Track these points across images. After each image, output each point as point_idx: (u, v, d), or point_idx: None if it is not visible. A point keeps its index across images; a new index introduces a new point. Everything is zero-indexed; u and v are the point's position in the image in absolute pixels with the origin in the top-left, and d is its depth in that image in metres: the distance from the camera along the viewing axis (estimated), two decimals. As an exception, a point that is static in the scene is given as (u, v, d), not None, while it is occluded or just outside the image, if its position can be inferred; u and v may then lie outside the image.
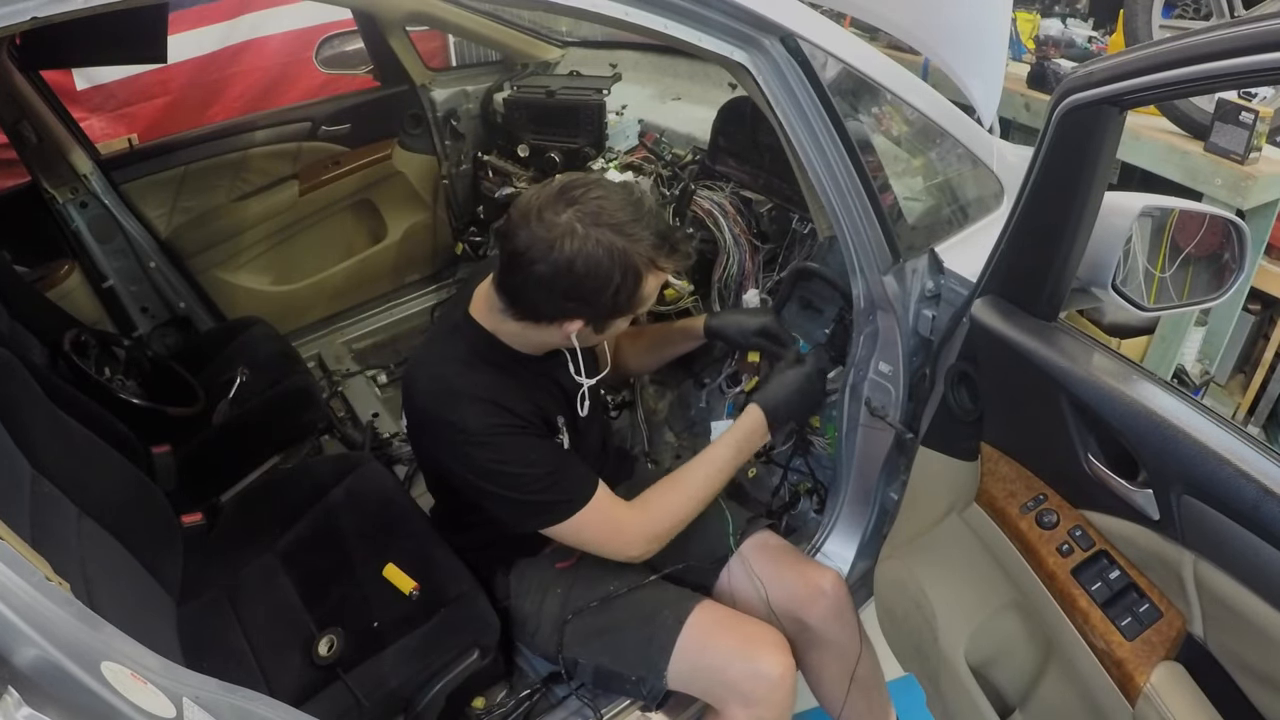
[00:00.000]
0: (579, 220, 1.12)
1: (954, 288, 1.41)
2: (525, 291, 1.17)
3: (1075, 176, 1.02)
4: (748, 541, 1.50)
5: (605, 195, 1.15)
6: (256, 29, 3.40)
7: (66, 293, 2.25)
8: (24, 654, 0.60)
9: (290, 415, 2.10)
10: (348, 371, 2.70)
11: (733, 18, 1.25)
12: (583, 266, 1.12)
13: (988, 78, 1.49)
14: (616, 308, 1.19)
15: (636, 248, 1.14)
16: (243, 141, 2.46)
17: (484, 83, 2.74)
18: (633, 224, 1.14)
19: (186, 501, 1.69)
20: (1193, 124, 2.29)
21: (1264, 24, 0.76)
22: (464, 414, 1.21)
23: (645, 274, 1.17)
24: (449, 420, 1.22)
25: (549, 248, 1.11)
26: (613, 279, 1.14)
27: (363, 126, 2.63)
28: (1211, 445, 0.86)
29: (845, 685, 1.47)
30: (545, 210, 1.13)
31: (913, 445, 1.42)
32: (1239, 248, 1.20)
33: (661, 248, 1.17)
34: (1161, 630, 0.99)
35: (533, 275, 1.13)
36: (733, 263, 1.81)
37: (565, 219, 1.12)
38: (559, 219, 1.12)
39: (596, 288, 1.14)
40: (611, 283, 1.14)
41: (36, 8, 0.78)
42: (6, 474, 1.14)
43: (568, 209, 1.13)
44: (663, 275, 1.22)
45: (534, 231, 1.12)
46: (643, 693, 1.34)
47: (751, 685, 1.27)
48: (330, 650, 1.36)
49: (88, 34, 1.83)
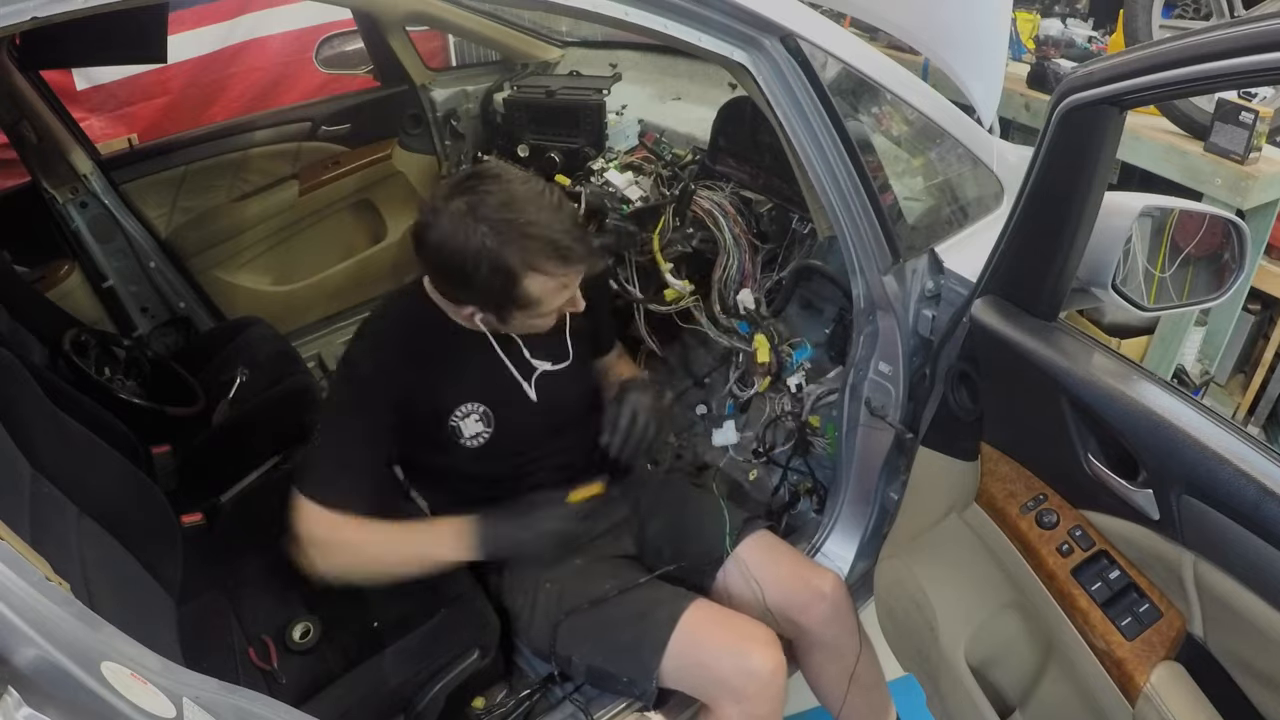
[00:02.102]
0: (462, 210, 1.14)
1: (954, 288, 1.41)
2: (426, 268, 1.24)
3: (1075, 176, 1.02)
4: (745, 542, 1.49)
5: (496, 191, 1.15)
6: (256, 29, 3.40)
7: (66, 293, 2.25)
8: (24, 654, 0.60)
9: (290, 415, 2.09)
10: (348, 371, 2.70)
11: (733, 18, 1.25)
12: (450, 256, 1.15)
13: (988, 78, 1.49)
14: (499, 303, 1.20)
15: (507, 248, 1.14)
16: (243, 141, 2.46)
17: (484, 83, 2.74)
18: (513, 223, 1.14)
19: (186, 501, 1.69)
20: (1193, 124, 2.29)
21: (1264, 24, 0.76)
22: (356, 350, 1.30)
23: (521, 274, 1.16)
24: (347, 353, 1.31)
25: (427, 230, 1.16)
26: (479, 273, 1.14)
27: (363, 126, 2.63)
28: (1211, 445, 0.86)
29: (845, 686, 1.47)
30: (441, 194, 1.17)
31: (913, 445, 1.42)
32: (1239, 248, 1.20)
33: (544, 251, 1.15)
34: (1161, 630, 0.99)
35: (420, 254, 1.19)
36: (732, 263, 1.81)
37: (453, 207, 1.14)
38: (448, 206, 1.15)
39: (464, 279, 1.17)
40: (478, 276, 1.15)
41: (36, 8, 0.78)
42: (6, 474, 1.14)
43: (459, 197, 1.15)
44: (555, 278, 1.19)
45: (431, 207, 1.16)
46: (635, 692, 1.34)
47: (742, 681, 1.28)
48: (305, 636, 1.38)
49: (88, 34, 1.82)
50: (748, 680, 1.27)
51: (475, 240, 1.13)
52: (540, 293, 1.20)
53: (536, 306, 1.22)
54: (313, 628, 1.40)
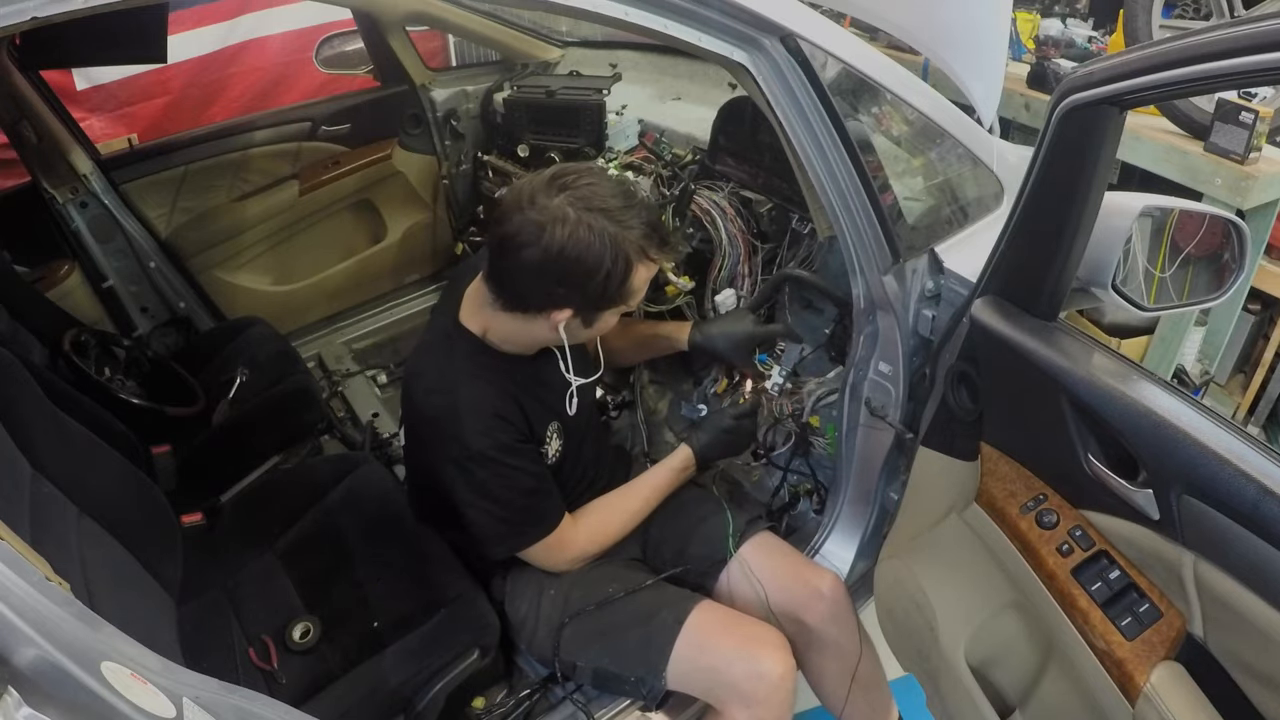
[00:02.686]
0: (571, 205, 1.12)
1: (954, 288, 1.41)
2: (515, 278, 1.17)
3: (1075, 176, 1.02)
4: (747, 543, 1.50)
5: (597, 182, 1.15)
6: (256, 29, 3.40)
7: (66, 293, 2.25)
8: (24, 654, 0.60)
9: (290, 415, 2.10)
10: (348, 371, 2.70)
11: (733, 18, 1.25)
12: (573, 251, 1.11)
13: (988, 78, 1.49)
14: (606, 297, 1.18)
15: (628, 235, 1.14)
16: (243, 141, 2.46)
17: (484, 83, 2.74)
18: (624, 211, 1.14)
19: (186, 501, 1.69)
20: (1193, 124, 2.29)
21: (1264, 24, 0.76)
22: (465, 430, 1.22)
23: (636, 263, 1.17)
24: (451, 434, 1.22)
25: (539, 232, 1.11)
26: (603, 264, 1.13)
27: (363, 126, 2.63)
28: (1211, 445, 0.86)
29: (846, 686, 1.47)
30: (538, 195, 1.13)
31: (913, 445, 1.42)
32: (1239, 248, 1.20)
33: (652, 238, 1.17)
34: (1161, 630, 0.99)
35: (522, 260, 1.13)
36: (727, 263, 1.81)
37: (557, 204, 1.12)
38: (550, 204, 1.12)
39: (586, 273, 1.13)
40: (602, 268, 1.13)
41: (36, 8, 0.78)
42: (6, 474, 1.14)
43: (560, 194, 1.12)
44: (653, 266, 1.21)
45: (526, 216, 1.12)
46: (642, 693, 1.34)
47: (752, 685, 1.27)
48: (305, 636, 1.38)
49: (88, 34, 1.82)
50: (757, 684, 1.27)
51: (599, 233, 1.11)
52: (639, 283, 1.20)
53: (631, 299, 1.22)
54: (313, 628, 1.40)
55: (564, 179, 1.15)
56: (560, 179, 1.15)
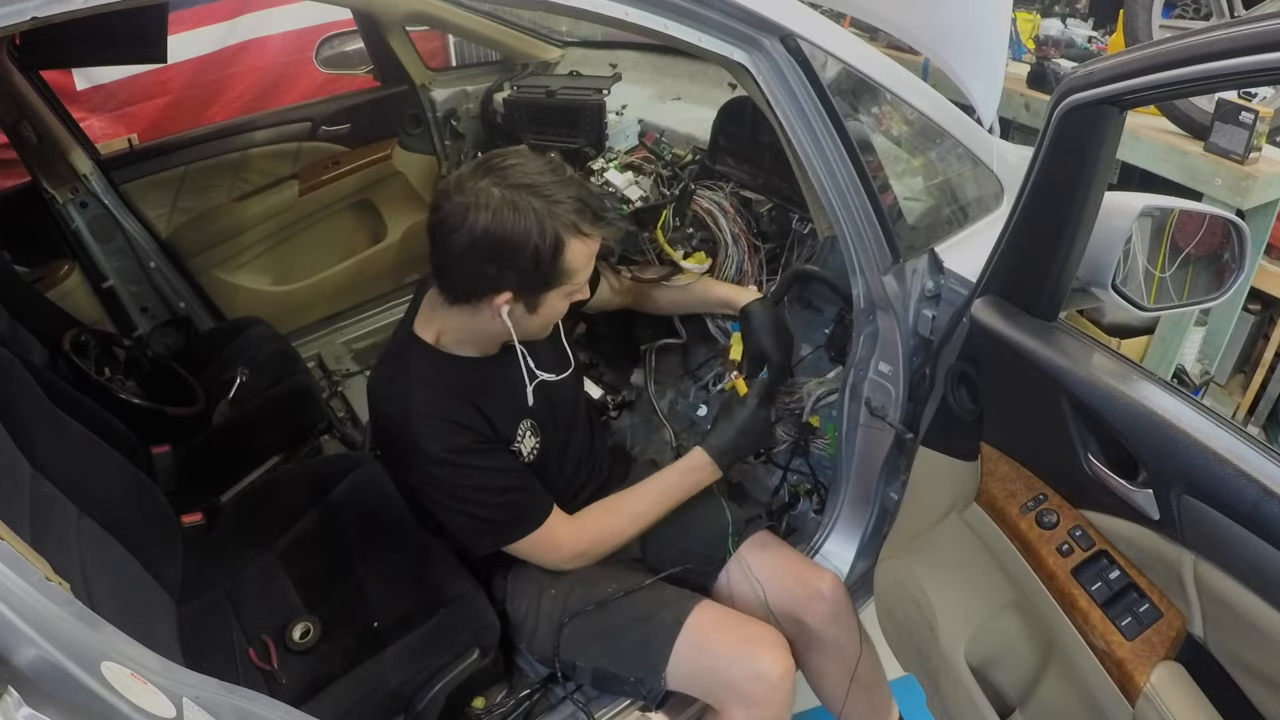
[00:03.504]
0: (495, 185, 1.13)
1: (954, 288, 1.41)
2: (448, 265, 1.18)
3: (1075, 176, 1.02)
4: (746, 543, 1.50)
5: (523, 161, 1.16)
6: (256, 29, 3.40)
7: (66, 293, 2.25)
8: (24, 654, 0.60)
9: (290, 415, 2.10)
10: (348, 371, 2.70)
11: (733, 18, 1.25)
12: (498, 229, 1.12)
13: (988, 78, 1.49)
14: (541, 275, 1.18)
15: (555, 209, 1.14)
16: (242, 141, 2.46)
17: (484, 83, 2.74)
18: (551, 186, 1.14)
19: (186, 501, 1.69)
20: (1193, 124, 2.29)
21: (1264, 24, 0.76)
22: (419, 435, 1.22)
23: (567, 239, 1.16)
24: (407, 442, 1.23)
25: (465, 214, 1.12)
26: (529, 239, 1.13)
27: (363, 126, 2.63)
28: (1211, 445, 0.86)
29: (846, 686, 1.47)
30: (465, 180, 1.14)
31: (913, 445, 1.42)
32: (1239, 248, 1.20)
33: (584, 212, 1.17)
34: (1161, 630, 0.99)
35: (452, 245, 1.14)
36: (731, 262, 1.81)
37: (483, 185, 1.13)
38: (477, 185, 1.13)
39: (514, 250, 1.13)
40: (529, 244, 1.13)
41: (36, 8, 0.78)
42: (6, 474, 1.14)
43: (485, 176, 1.14)
44: (590, 242, 1.20)
45: (453, 201, 1.13)
46: (642, 693, 1.34)
47: (751, 686, 1.27)
48: (304, 636, 1.38)
49: (88, 34, 1.83)
50: (756, 684, 1.27)
51: (523, 209, 1.12)
52: (576, 262, 1.19)
53: (571, 279, 1.21)
54: (313, 628, 1.40)
55: (490, 162, 1.16)
56: (487, 163, 1.16)
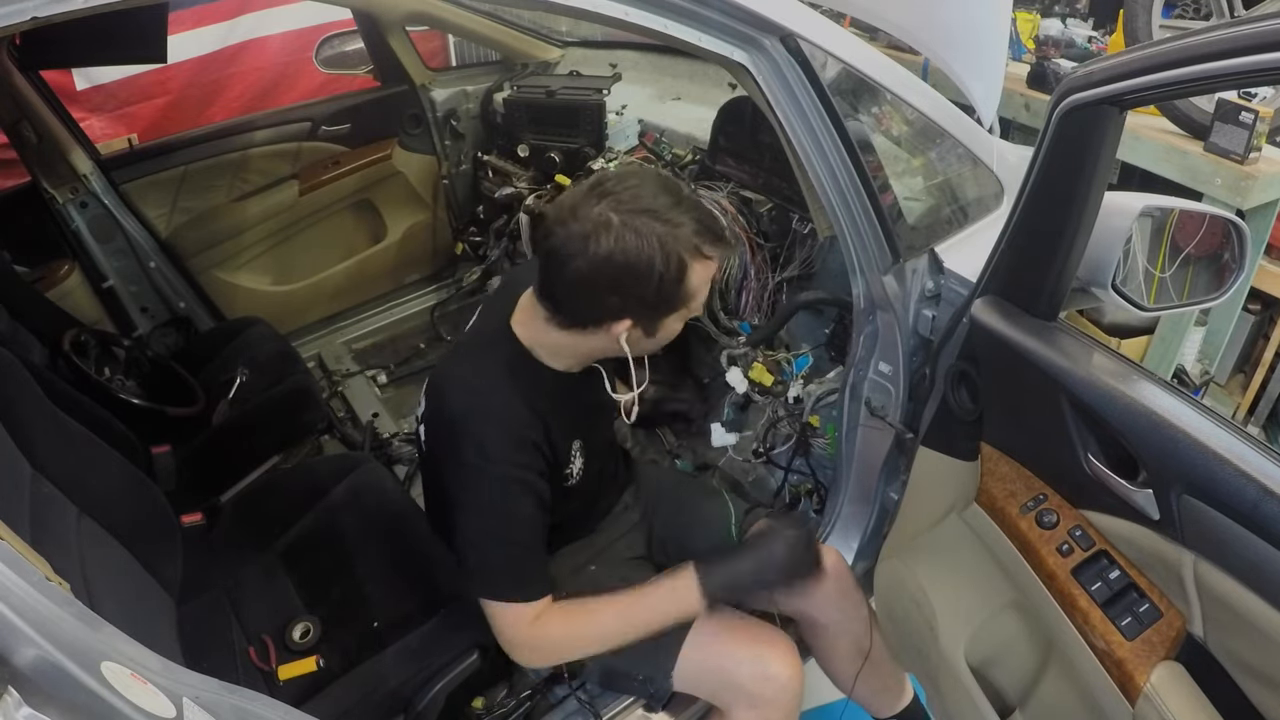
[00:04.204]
0: (614, 210, 1.06)
1: (954, 288, 1.41)
2: (567, 294, 1.11)
3: (1075, 176, 1.01)
4: (749, 533, 1.50)
5: (640, 184, 1.10)
6: (256, 29, 3.40)
7: (66, 293, 2.25)
8: (24, 654, 0.60)
9: (290, 415, 2.10)
10: (348, 371, 2.70)
11: (733, 18, 1.25)
12: (622, 256, 1.05)
13: (988, 78, 1.49)
14: (664, 301, 1.12)
15: (678, 233, 1.07)
16: (242, 141, 2.46)
17: (484, 83, 2.74)
18: (671, 209, 1.08)
19: (186, 501, 1.69)
20: (1193, 124, 2.29)
21: (1264, 24, 0.76)
22: (490, 436, 1.15)
23: (690, 262, 1.10)
24: (475, 435, 1.15)
25: (585, 242, 1.05)
26: (654, 267, 1.06)
27: (363, 126, 2.63)
28: (1211, 445, 0.86)
29: (857, 662, 1.47)
30: (579, 206, 1.07)
31: (913, 445, 1.42)
32: (1239, 248, 1.20)
33: (704, 234, 1.10)
34: (1161, 630, 0.99)
35: (572, 274, 1.07)
36: (734, 262, 1.81)
37: (599, 210, 1.06)
38: (593, 212, 1.06)
39: (638, 279, 1.07)
40: (654, 271, 1.07)
41: (36, 8, 0.78)
42: (6, 474, 1.14)
43: (601, 201, 1.07)
44: (710, 264, 1.14)
45: (569, 229, 1.07)
46: (649, 692, 1.34)
47: (760, 687, 1.28)
48: (304, 636, 1.38)
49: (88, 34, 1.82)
50: (765, 685, 1.27)
51: (646, 235, 1.05)
52: (698, 283, 1.14)
53: (691, 302, 1.16)
54: (313, 628, 1.39)
55: (604, 185, 1.09)
56: (600, 186, 1.10)
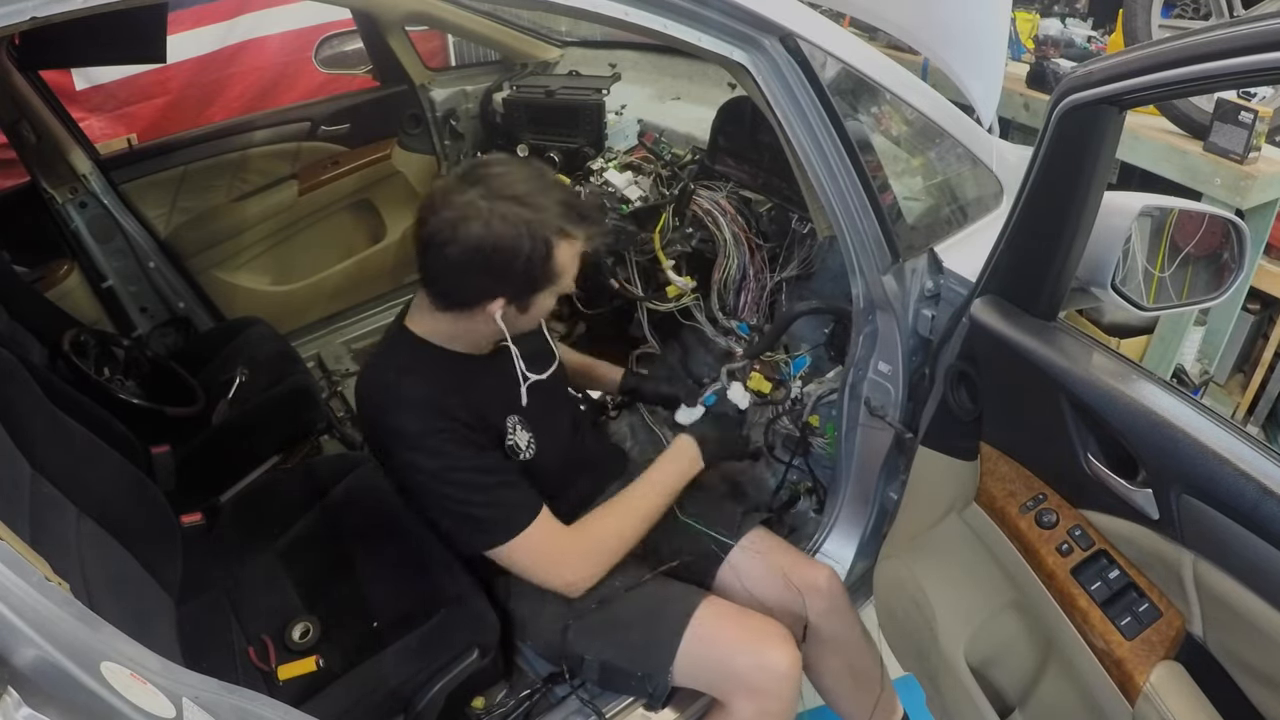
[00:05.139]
0: (481, 197, 1.14)
1: (953, 287, 1.41)
2: (442, 277, 1.20)
3: (1075, 176, 1.02)
4: (744, 539, 1.50)
5: (506, 170, 1.18)
6: (256, 29, 3.40)
7: (66, 293, 2.25)
8: (24, 654, 0.60)
9: (290, 415, 2.10)
10: (347, 371, 2.70)
11: (732, 18, 1.25)
12: (489, 241, 1.13)
13: (987, 78, 1.49)
14: (533, 280, 1.20)
15: (542, 216, 1.16)
16: (242, 141, 2.46)
17: (483, 83, 2.74)
18: (535, 194, 1.16)
19: (186, 501, 1.68)
20: (1192, 124, 2.29)
21: (1264, 24, 0.76)
22: (402, 417, 1.23)
23: (555, 242, 1.18)
24: (390, 425, 1.24)
25: (454, 227, 1.13)
26: (521, 249, 1.15)
27: (362, 126, 2.63)
28: (1211, 445, 0.86)
29: (847, 679, 1.47)
30: (451, 194, 1.15)
31: (912, 445, 1.42)
32: (1238, 247, 1.20)
33: (568, 215, 1.19)
34: (1161, 630, 0.99)
35: (444, 258, 1.15)
36: (732, 263, 1.81)
37: (468, 198, 1.14)
38: (463, 198, 1.14)
39: (506, 261, 1.15)
40: (521, 253, 1.15)
41: (36, 8, 0.78)
42: (6, 474, 1.14)
43: (470, 188, 1.15)
44: (576, 243, 1.22)
45: (441, 216, 1.14)
46: (649, 689, 1.34)
47: (759, 677, 1.28)
48: (304, 636, 1.38)
49: (87, 34, 1.82)
50: (764, 676, 1.28)
51: (512, 218, 1.13)
52: (565, 262, 1.21)
53: (560, 280, 1.23)
54: (313, 628, 1.39)
55: (474, 173, 1.18)
56: (470, 174, 1.18)
